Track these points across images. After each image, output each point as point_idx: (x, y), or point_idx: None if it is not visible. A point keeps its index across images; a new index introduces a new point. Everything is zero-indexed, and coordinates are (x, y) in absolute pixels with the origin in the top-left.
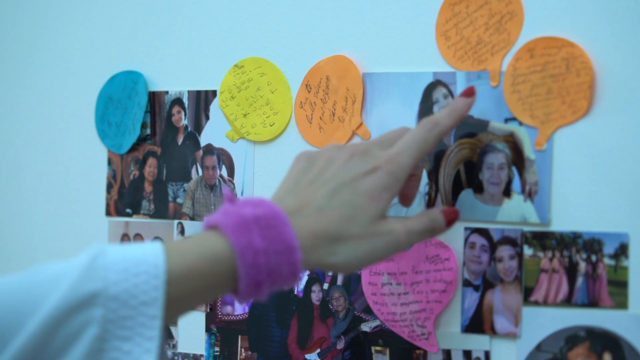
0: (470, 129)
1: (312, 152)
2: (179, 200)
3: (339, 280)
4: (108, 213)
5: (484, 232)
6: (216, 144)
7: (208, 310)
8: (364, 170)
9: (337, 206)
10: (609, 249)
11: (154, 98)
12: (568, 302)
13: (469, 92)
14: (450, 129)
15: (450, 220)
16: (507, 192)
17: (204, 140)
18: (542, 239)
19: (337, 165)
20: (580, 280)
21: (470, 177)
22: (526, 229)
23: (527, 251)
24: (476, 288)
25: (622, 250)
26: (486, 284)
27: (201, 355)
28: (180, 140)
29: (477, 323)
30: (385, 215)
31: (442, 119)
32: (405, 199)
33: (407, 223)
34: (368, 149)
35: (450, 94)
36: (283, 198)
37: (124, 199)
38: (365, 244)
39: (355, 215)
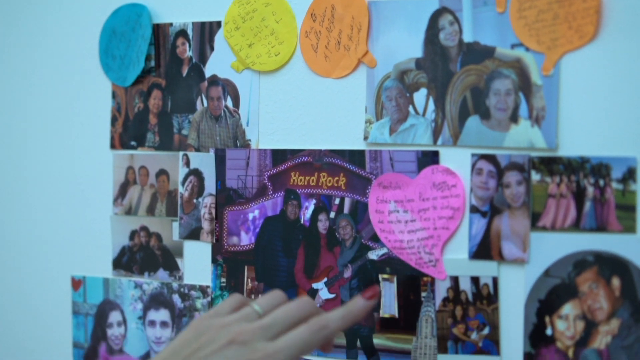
0: (477, 56)
1: (203, 323)
2: (184, 131)
3: (346, 208)
4: (113, 146)
5: (491, 158)
6: (221, 75)
7: (214, 241)
8: None
9: None
10: (616, 173)
11: (158, 30)
12: (576, 227)
13: (371, 295)
14: (338, 333)
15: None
16: (514, 118)
17: (208, 71)
18: (550, 164)
19: (213, 349)
20: (588, 205)
21: (476, 103)
22: (533, 154)
23: (535, 176)
24: (483, 214)
25: (629, 174)
26: (493, 210)
27: (207, 287)
28: (184, 72)
29: (485, 249)
30: None
31: (332, 321)
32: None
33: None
34: (251, 339)
35: (457, 20)
36: None
37: (129, 131)
38: None
39: None
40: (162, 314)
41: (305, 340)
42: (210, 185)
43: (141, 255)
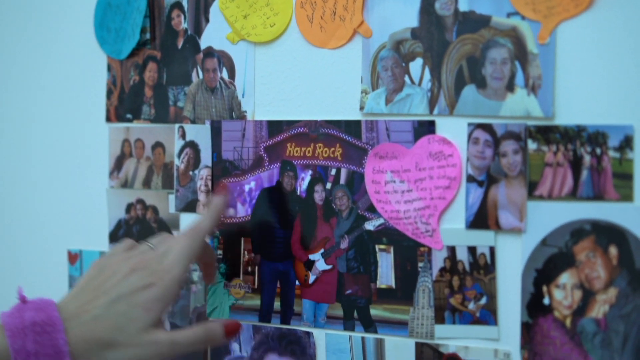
0: (473, 25)
1: (103, 261)
2: (179, 104)
3: (342, 179)
4: (108, 119)
5: (487, 127)
6: (216, 47)
7: None
8: (141, 285)
9: (113, 316)
10: (613, 141)
11: (153, 2)
12: (573, 195)
13: (221, 188)
14: (212, 228)
15: (230, 332)
16: (510, 87)
17: (204, 43)
18: (546, 133)
19: (118, 278)
20: (584, 174)
21: (473, 72)
22: (530, 123)
23: (531, 145)
24: (480, 183)
25: (626, 143)
26: (490, 179)
27: None
28: (180, 44)
29: (482, 219)
30: (159, 325)
31: (202, 223)
32: (207, 279)
33: (174, 335)
34: (148, 264)
35: None
36: (68, 302)
37: (124, 104)
38: (132, 352)
39: (127, 325)
40: None
41: (189, 249)
42: (206, 157)
43: (137, 229)
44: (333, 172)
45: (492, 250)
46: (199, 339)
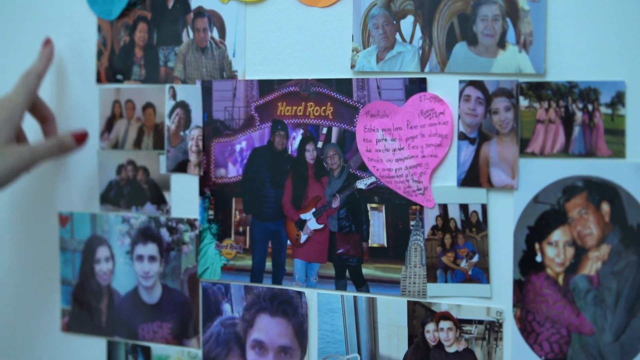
0: None
1: None
2: (170, 64)
3: (333, 138)
4: (99, 80)
5: (479, 85)
6: (207, 6)
7: (201, 174)
8: None
9: None
10: (605, 97)
11: None
12: (565, 152)
13: (46, 43)
14: (44, 70)
15: (79, 140)
16: (501, 44)
17: (194, 3)
18: (538, 90)
19: None
20: (576, 130)
21: (464, 29)
22: (521, 79)
23: (523, 102)
24: (472, 141)
25: (618, 99)
26: (482, 136)
27: (195, 220)
28: (170, 3)
29: (474, 176)
30: (15, 142)
31: (34, 67)
32: (48, 136)
33: (32, 146)
34: None
35: None
36: None
37: (115, 65)
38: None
39: None
40: (150, 248)
41: (23, 81)
42: (197, 117)
43: (128, 190)
44: (324, 131)
45: (484, 207)
46: (54, 147)
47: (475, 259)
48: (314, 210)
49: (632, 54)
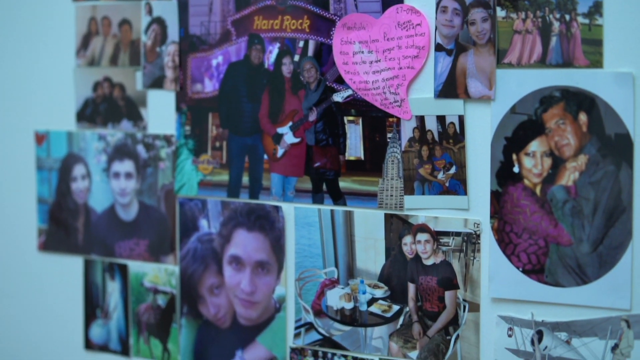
0: None
1: None
2: None
3: (310, 51)
4: None
5: None
6: None
7: (178, 89)
8: None
9: None
10: (582, 7)
11: None
12: (542, 62)
13: None
14: None
15: None
16: None
17: None
18: (515, 0)
19: None
20: (554, 40)
21: None
22: None
23: (500, 13)
24: (449, 52)
25: (596, 9)
26: (459, 47)
27: (172, 135)
28: None
29: (451, 87)
30: None
31: None
32: None
33: None
34: None
35: None
36: None
37: None
38: None
39: None
40: (127, 165)
41: None
42: (173, 32)
43: (105, 107)
44: (301, 44)
45: (461, 119)
46: None
47: (453, 170)
48: (290, 124)
49: None
